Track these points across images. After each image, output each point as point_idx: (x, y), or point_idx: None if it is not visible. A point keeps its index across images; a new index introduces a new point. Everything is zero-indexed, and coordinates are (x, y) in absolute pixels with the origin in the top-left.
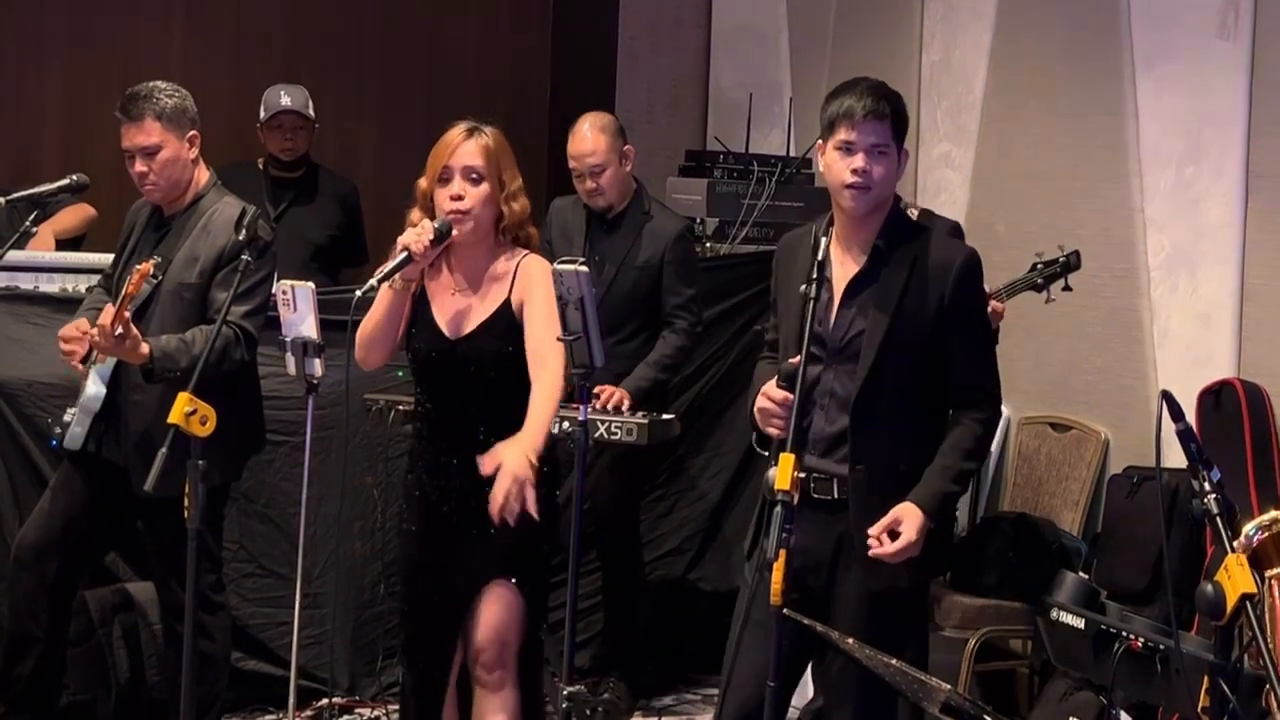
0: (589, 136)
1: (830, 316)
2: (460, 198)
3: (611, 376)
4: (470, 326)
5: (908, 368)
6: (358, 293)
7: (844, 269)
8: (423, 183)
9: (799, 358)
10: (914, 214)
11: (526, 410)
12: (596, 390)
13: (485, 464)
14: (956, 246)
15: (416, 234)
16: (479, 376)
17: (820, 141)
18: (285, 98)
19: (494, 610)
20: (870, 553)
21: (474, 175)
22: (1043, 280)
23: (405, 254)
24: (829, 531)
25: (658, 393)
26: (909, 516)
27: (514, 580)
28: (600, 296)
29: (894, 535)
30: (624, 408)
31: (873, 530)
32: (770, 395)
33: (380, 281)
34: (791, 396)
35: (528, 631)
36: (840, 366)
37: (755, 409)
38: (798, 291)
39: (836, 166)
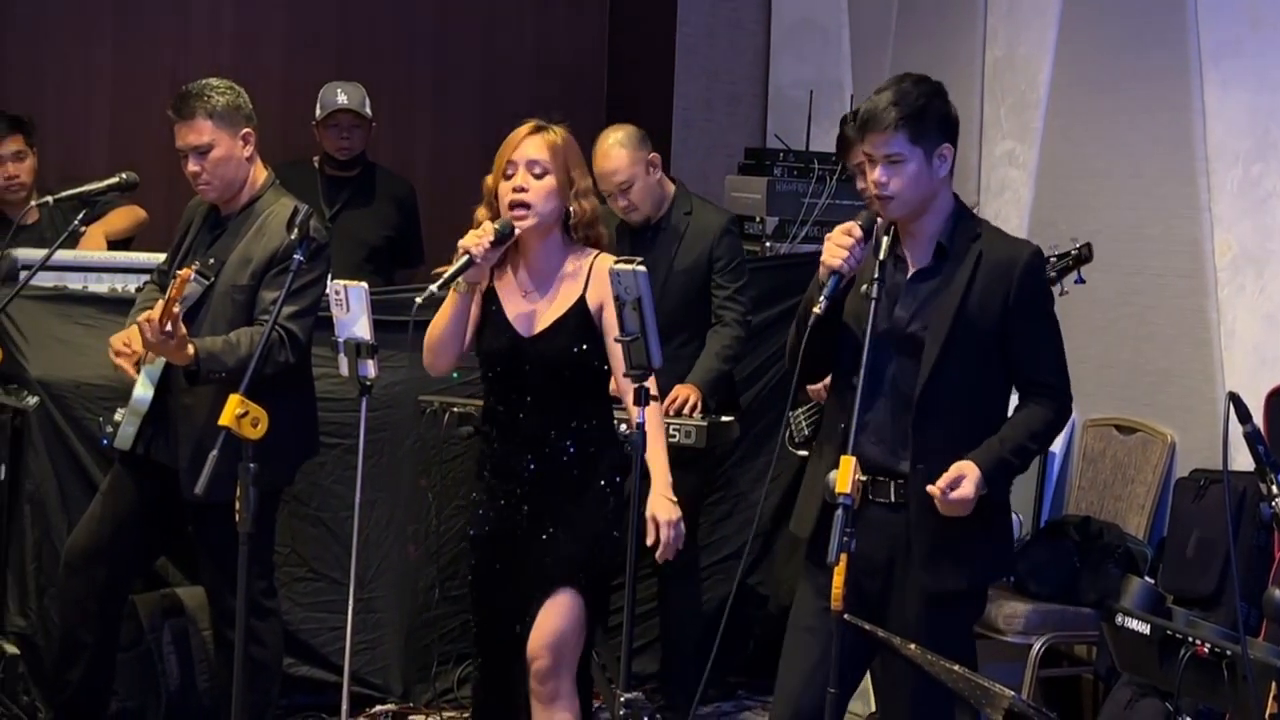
0: (610, 155)
1: (894, 309)
2: (523, 189)
3: (674, 379)
4: (542, 325)
5: (971, 365)
6: (418, 299)
7: (906, 262)
8: (489, 180)
9: (887, 240)
10: None
11: (598, 409)
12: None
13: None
14: (1020, 244)
15: (477, 236)
16: (552, 376)
17: None
18: (341, 96)
19: (553, 618)
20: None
21: (538, 169)
22: (1055, 274)
23: (466, 257)
24: (886, 534)
25: (725, 384)
26: (969, 471)
27: (578, 588)
28: (656, 301)
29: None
30: (697, 404)
31: (937, 483)
32: (843, 227)
33: (440, 287)
34: (860, 233)
35: (586, 642)
36: (903, 358)
37: (825, 242)
38: (859, 286)
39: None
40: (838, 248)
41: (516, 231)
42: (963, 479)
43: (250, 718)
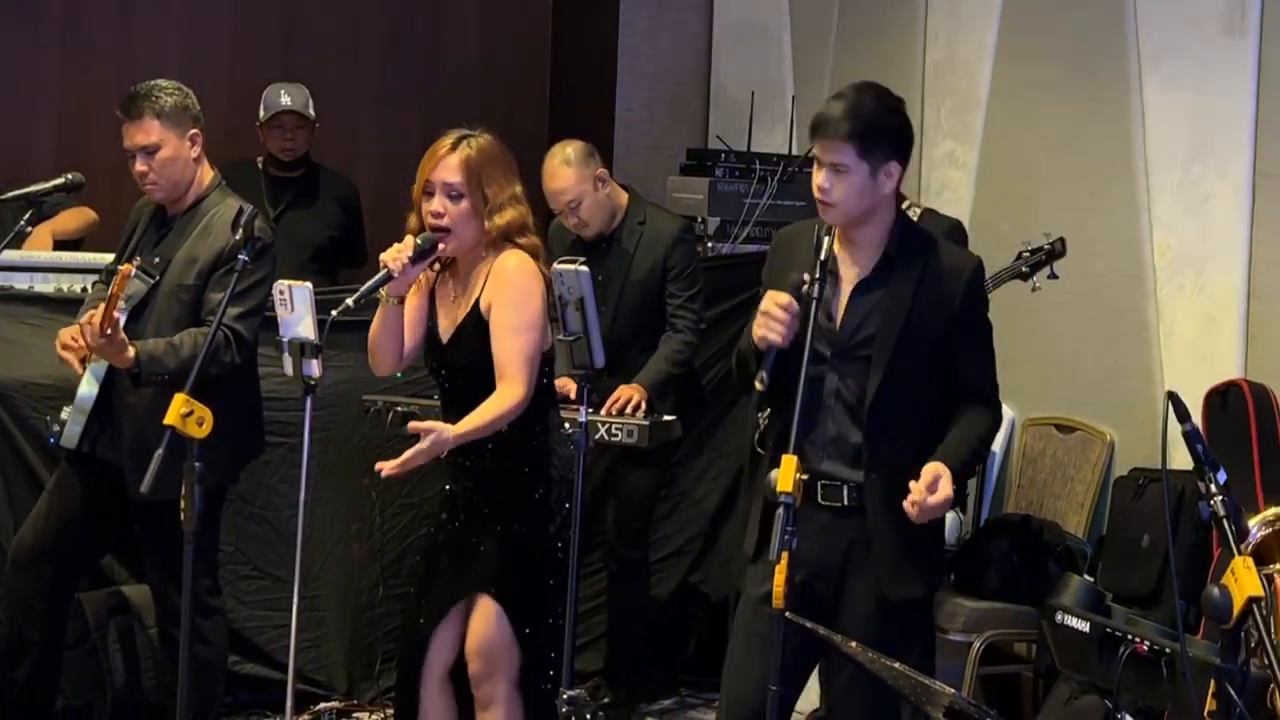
0: (558, 174)
1: (838, 316)
2: (440, 215)
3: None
4: (451, 331)
5: (920, 374)
6: (333, 313)
7: (849, 270)
8: (415, 190)
9: (807, 275)
10: (916, 212)
11: (525, 414)
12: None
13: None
14: (965, 255)
15: (396, 252)
16: (464, 380)
17: None
18: (285, 97)
19: (478, 624)
20: (910, 501)
21: (453, 192)
22: (1028, 269)
23: (384, 272)
24: (840, 539)
25: (672, 386)
26: (943, 472)
27: (498, 595)
28: (612, 313)
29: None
30: (640, 404)
31: (917, 486)
32: (775, 299)
33: (355, 301)
34: (795, 306)
35: (522, 647)
36: (848, 368)
37: (757, 314)
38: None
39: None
40: (773, 321)
41: (440, 248)
42: (939, 479)
43: (195, 715)
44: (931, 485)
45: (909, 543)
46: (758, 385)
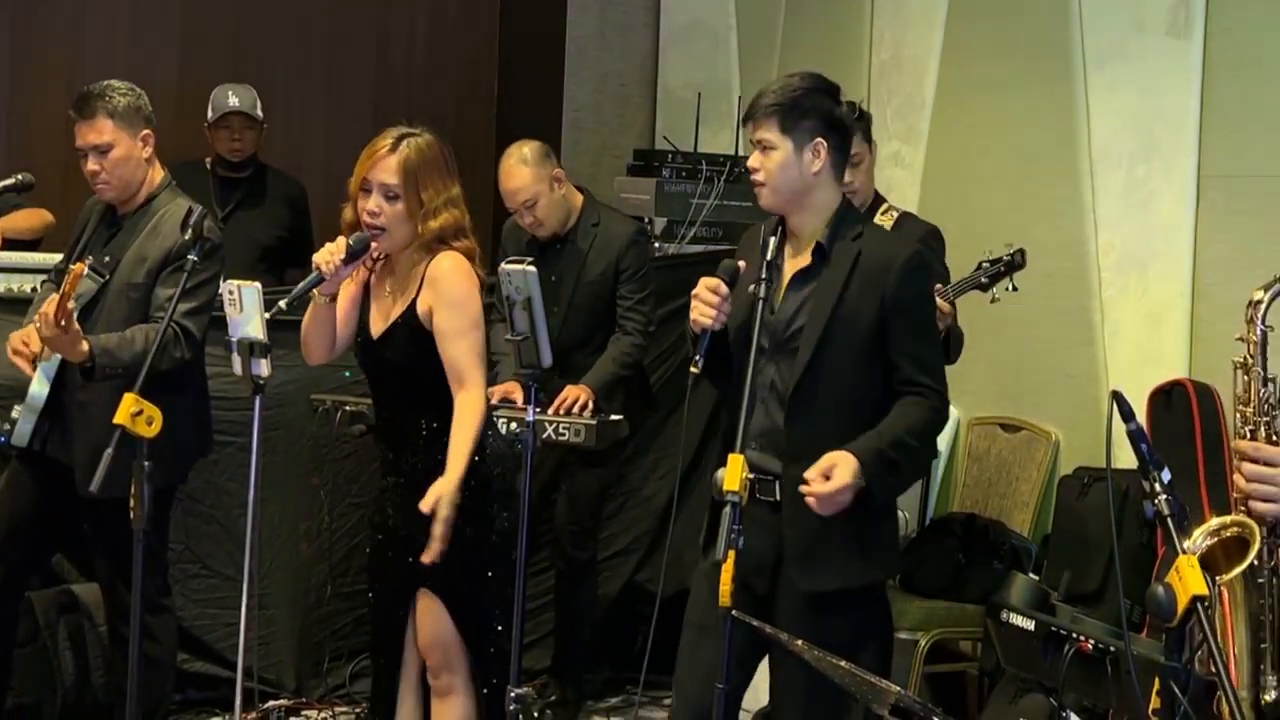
0: (514, 173)
1: (776, 308)
2: (376, 214)
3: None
4: (382, 328)
5: (846, 365)
6: (265, 315)
7: (790, 262)
8: (351, 184)
9: (743, 263)
10: (894, 216)
11: (447, 411)
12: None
13: (425, 503)
14: (902, 244)
15: (328, 253)
16: (394, 378)
17: None
18: (233, 98)
19: (425, 618)
20: (804, 490)
21: (390, 193)
22: (987, 279)
23: (316, 273)
24: (772, 533)
25: (620, 387)
26: (842, 460)
27: (438, 588)
28: (564, 314)
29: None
30: (587, 404)
31: (808, 474)
32: (706, 283)
33: (288, 303)
34: (726, 289)
35: (471, 639)
36: (782, 360)
37: (692, 301)
38: (746, 286)
39: None
40: (706, 306)
41: (373, 249)
42: (835, 466)
43: (145, 713)
44: (825, 472)
45: (828, 535)
46: (693, 369)
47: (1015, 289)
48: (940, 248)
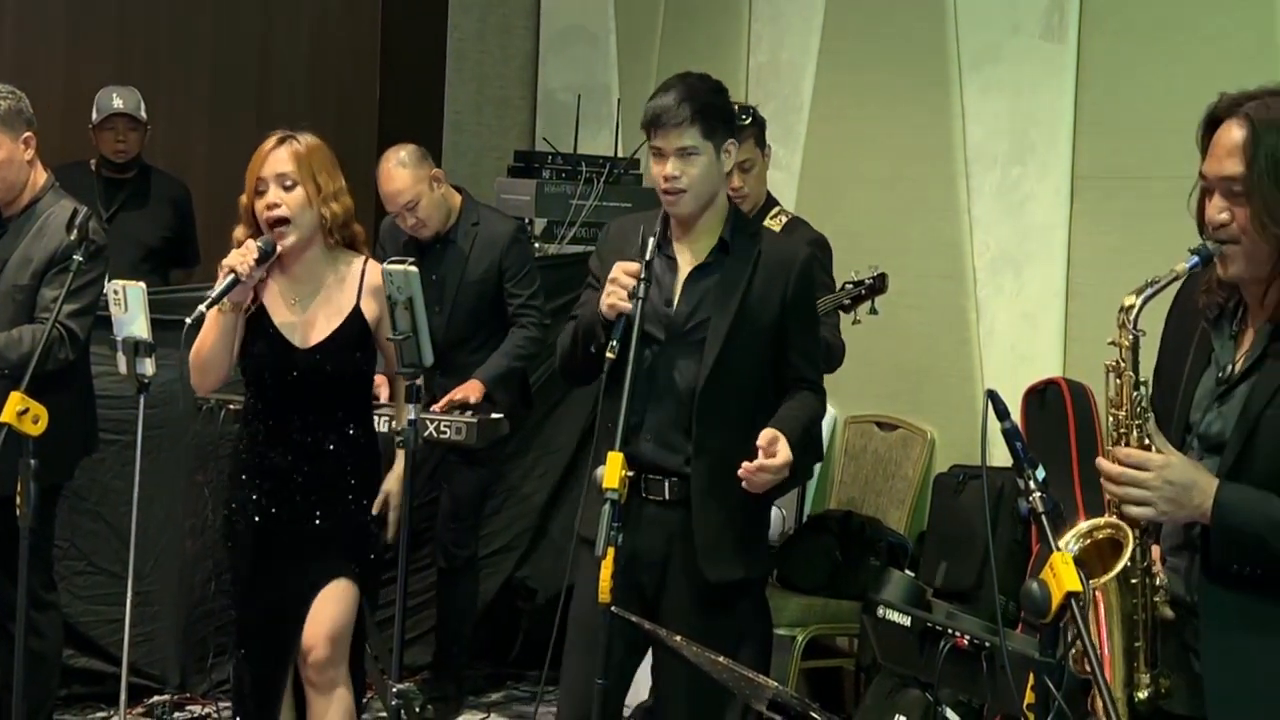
0: (394, 176)
1: (674, 301)
2: (277, 205)
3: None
4: (319, 337)
5: (750, 361)
6: (188, 320)
7: (685, 255)
8: (244, 199)
9: (652, 242)
10: (784, 219)
11: (363, 413)
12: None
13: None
14: (797, 244)
15: (241, 255)
16: (325, 385)
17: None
18: (117, 100)
19: (330, 607)
20: (745, 470)
21: (287, 182)
22: (850, 301)
23: (231, 277)
24: (663, 530)
25: (514, 381)
26: (782, 437)
27: (351, 577)
28: (447, 314)
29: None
30: (474, 400)
31: (760, 442)
32: (624, 268)
33: (208, 307)
34: (639, 272)
35: (357, 634)
36: (679, 353)
37: (606, 284)
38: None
39: (654, 170)
40: (621, 289)
41: (279, 248)
42: (777, 441)
43: (30, 708)
44: (770, 448)
45: (729, 528)
46: (609, 355)
47: (876, 312)
48: (827, 258)
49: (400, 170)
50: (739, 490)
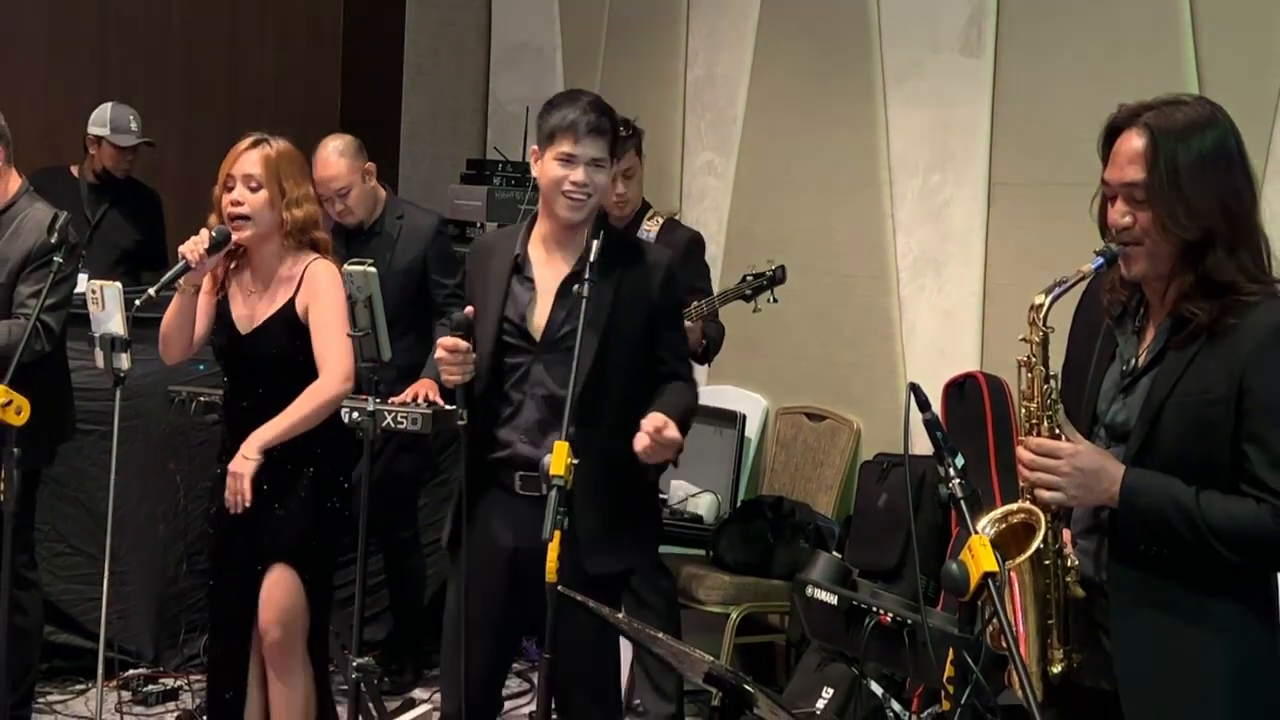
0: (330, 162)
1: (544, 312)
2: (239, 203)
3: (393, 370)
4: (256, 324)
5: (622, 363)
6: (137, 301)
7: (553, 269)
8: (216, 190)
9: (470, 309)
10: (659, 221)
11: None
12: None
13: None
14: (661, 250)
15: (193, 243)
16: (265, 370)
17: (536, 148)
18: (134, 124)
19: (275, 592)
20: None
21: (253, 184)
22: (750, 292)
23: (182, 262)
24: (539, 526)
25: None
26: (669, 419)
27: (294, 563)
28: None
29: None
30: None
31: (645, 426)
32: (444, 345)
33: (157, 290)
34: (465, 344)
35: (313, 616)
36: (551, 359)
37: (442, 366)
38: (496, 292)
39: (557, 175)
40: (453, 366)
41: (233, 239)
42: (665, 420)
43: (13, 681)
44: (660, 426)
45: (609, 520)
46: (461, 422)
47: (775, 300)
48: (700, 251)
49: (337, 158)
50: (619, 486)
